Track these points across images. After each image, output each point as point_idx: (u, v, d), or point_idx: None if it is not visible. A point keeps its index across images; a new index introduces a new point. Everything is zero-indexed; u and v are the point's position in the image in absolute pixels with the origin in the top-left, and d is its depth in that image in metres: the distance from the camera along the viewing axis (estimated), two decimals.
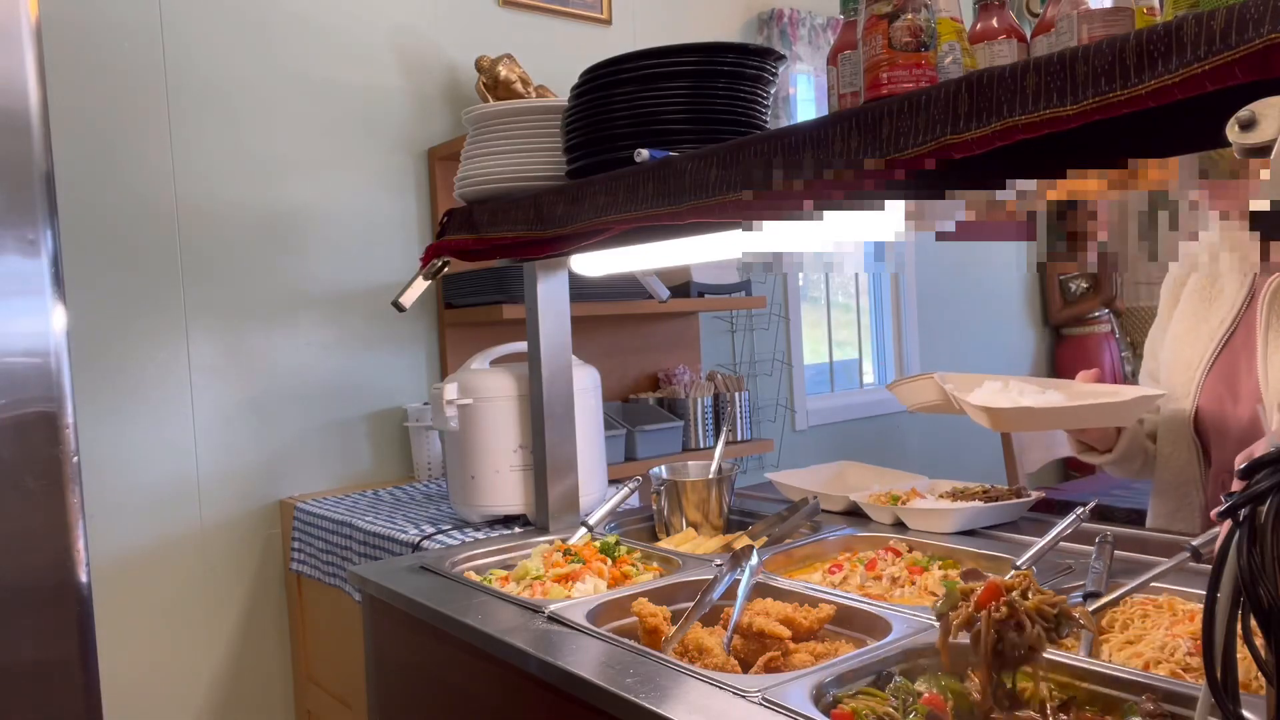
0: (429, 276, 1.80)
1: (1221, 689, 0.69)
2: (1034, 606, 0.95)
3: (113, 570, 2.28)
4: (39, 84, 1.16)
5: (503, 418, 1.89)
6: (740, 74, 1.40)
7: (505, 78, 2.68)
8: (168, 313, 2.37)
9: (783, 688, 1.01)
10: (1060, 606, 0.96)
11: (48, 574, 1.16)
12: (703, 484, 1.79)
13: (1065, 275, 4.68)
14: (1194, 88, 0.72)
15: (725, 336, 3.55)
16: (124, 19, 2.31)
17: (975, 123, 0.87)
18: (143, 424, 2.33)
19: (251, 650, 2.51)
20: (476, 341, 2.55)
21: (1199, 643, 0.92)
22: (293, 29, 2.55)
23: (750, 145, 1.12)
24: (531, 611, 1.34)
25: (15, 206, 1.13)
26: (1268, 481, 0.66)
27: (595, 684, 1.07)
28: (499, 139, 1.62)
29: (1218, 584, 0.69)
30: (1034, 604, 0.95)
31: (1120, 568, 1.30)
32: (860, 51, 1.06)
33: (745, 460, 3.38)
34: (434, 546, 1.84)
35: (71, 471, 1.17)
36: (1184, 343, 1.58)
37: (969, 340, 4.51)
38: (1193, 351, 1.55)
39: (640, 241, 1.50)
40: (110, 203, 2.29)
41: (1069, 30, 0.95)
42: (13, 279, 1.14)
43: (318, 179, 2.59)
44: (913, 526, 1.63)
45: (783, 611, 1.21)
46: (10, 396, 1.13)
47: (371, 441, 2.68)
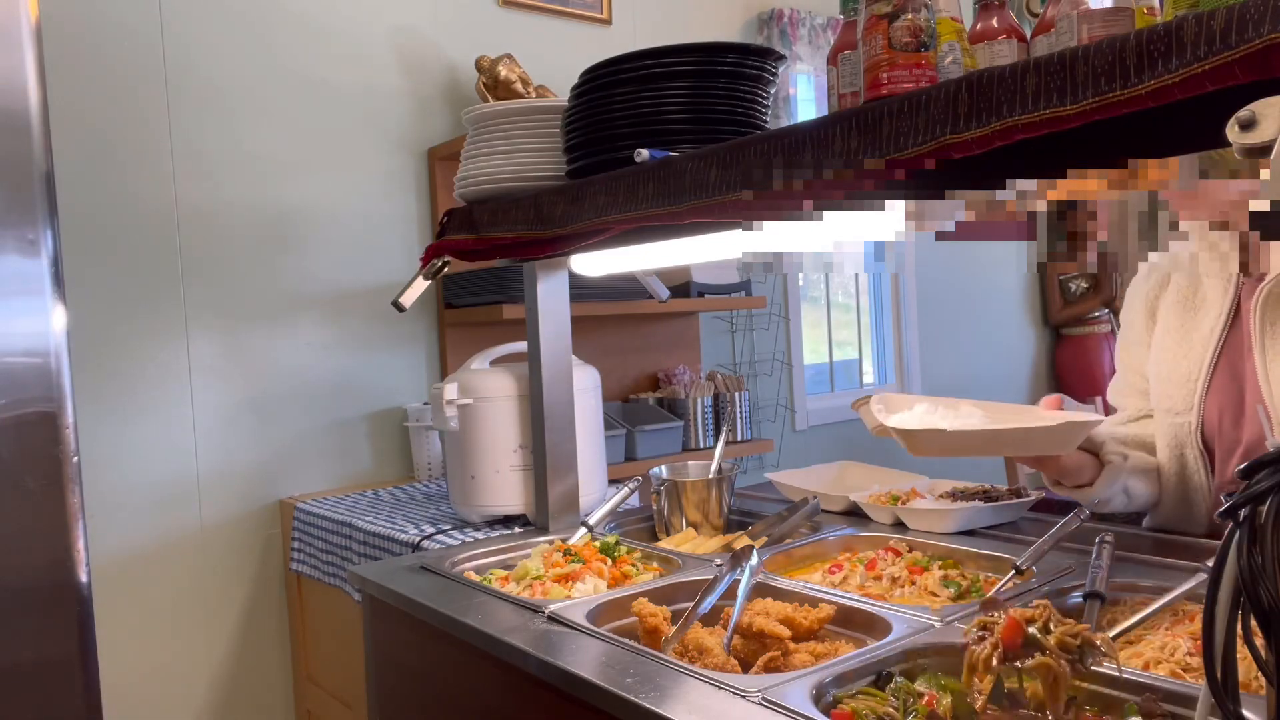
0: (429, 276, 1.80)
1: (1221, 689, 0.69)
2: (1058, 641, 0.93)
3: (113, 570, 2.28)
4: (39, 84, 1.16)
5: (503, 418, 1.89)
6: (740, 74, 1.40)
7: (505, 78, 2.68)
8: (168, 313, 2.37)
9: (783, 688, 1.01)
10: (1083, 636, 0.93)
11: (48, 574, 1.16)
12: (703, 484, 1.79)
13: (1065, 275, 4.68)
14: (1194, 88, 0.72)
15: (725, 336, 3.55)
16: (124, 19, 2.31)
17: (975, 123, 0.87)
18: (143, 424, 2.33)
19: (251, 650, 2.51)
20: (476, 341, 2.55)
21: (1199, 643, 0.92)
22: (293, 29, 2.55)
23: (750, 145, 1.12)
24: (531, 611, 1.34)
25: (15, 206, 1.14)
26: (1268, 481, 0.66)
27: (595, 684, 1.07)
28: (499, 139, 1.62)
29: (1218, 584, 0.69)
30: (1057, 638, 0.93)
31: (1119, 568, 1.30)
32: (860, 51, 1.06)
33: (745, 460, 3.38)
34: (434, 546, 1.84)
35: (71, 471, 1.17)
36: (1177, 356, 1.54)
37: (969, 340, 4.51)
38: (1189, 364, 1.52)
39: (640, 241, 1.50)
40: (110, 203, 2.29)
41: (1069, 30, 0.95)
42: (13, 279, 1.14)
43: (318, 179, 2.59)
44: (913, 526, 1.63)
45: (783, 611, 1.21)
46: (10, 396, 1.13)
47: (371, 441, 2.68)
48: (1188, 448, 1.52)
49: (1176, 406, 1.54)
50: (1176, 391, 1.54)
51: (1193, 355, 1.52)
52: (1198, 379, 1.51)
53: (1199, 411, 1.50)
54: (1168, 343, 1.57)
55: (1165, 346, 1.58)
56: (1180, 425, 1.53)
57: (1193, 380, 1.51)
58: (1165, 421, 1.56)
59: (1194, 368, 1.51)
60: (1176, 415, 1.54)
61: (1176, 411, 1.54)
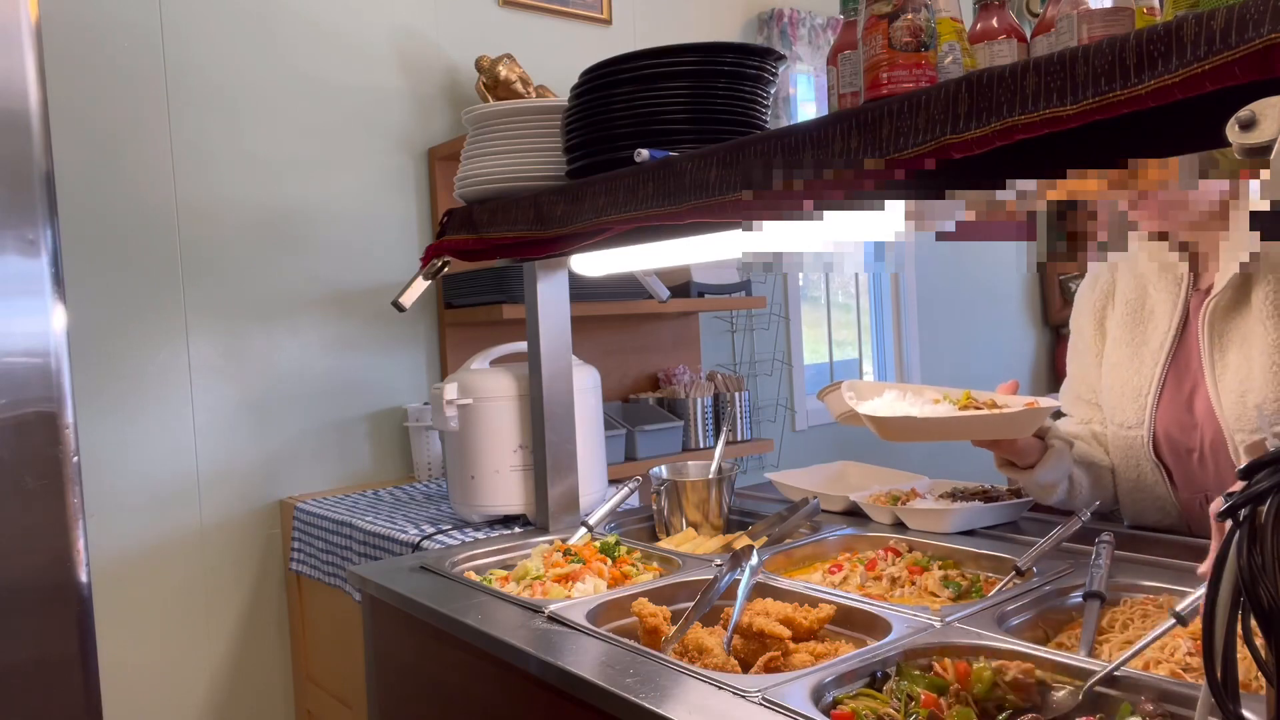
0: (429, 276, 1.80)
1: (1221, 689, 0.69)
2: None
3: (113, 570, 2.28)
4: (39, 84, 1.16)
5: (503, 418, 1.89)
6: (740, 74, 1.40)
7: (505, 78, 2.68)
8: (168, 313, 2.37)
9: (783, 688, 1.01)
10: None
11: (48, 574, 1.16)
12: (703, 484, 1.79)
13: (1065, 275, 4.68)
14: (1194, 88, 0.72)
15: (725, 336, 3.55)
16: (124, 18, 2.31)
17: (975, 123, 0.87)
18: (143, 424, 2.33)
19: (251, 650, 2.51)
20: (476, 341, 2.55)
21: (1199, 643, 0.92)
22: (293, 29, 2.55)
23: (750, 145, 1.12)
24: (531, 611, 1.34)
25: (15, 206, 1.14)
26: (1268, 481, 0.66)
27: (595, 684, 1.07)
28: (499, 139, 1.62)
29: (1218, 584, 0.69)
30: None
31: (1119, 568, 1.30)
32: (860, 51, 1.06)
33: (745, 460, 3.38)
34: (434, 546, 1.84)
35: (71, 471, 1.17)
36: (1127, 369, 1.56)
37: (969, 340, 4.51)
38: (1139, 378, 1.53)
39: (640, 241, 1.50)
40: (110, 203, 2.29)
41: (1069, 30, 0.95)
42: (13, 279, 1.14)
43: (318, 179, 2.59)
44: (913, 526, 1.63)
45: (783, 611, 1.21)
46: (10, 396, 1.13)
47: (371, 441, 2.68)
48: (1143, 460, 1.54)
49: (1128, 421, 1.55)
50: (1128, 405, 1.55)
51: (1143, 370, 1.53)
52: (1148, 393, 1.52)
53: (1150, 426, 1.51)
54: (1117, 358, 1.59)
55: (1115, 362, 1.59)
56: (1133, 439, 1.55)
57: (1143, 395, 1.53)
58: (1119, 435, 1.58)
59: (1144, 383, 1.53)
60: (1129, 429, 1.55)
61: (1128, 425, 1.55)
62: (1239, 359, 1.40)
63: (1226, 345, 1.42)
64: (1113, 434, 1.59)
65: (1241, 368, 1.39)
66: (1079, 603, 1.22)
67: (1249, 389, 1.37)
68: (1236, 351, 1.40)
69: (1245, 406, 1.38)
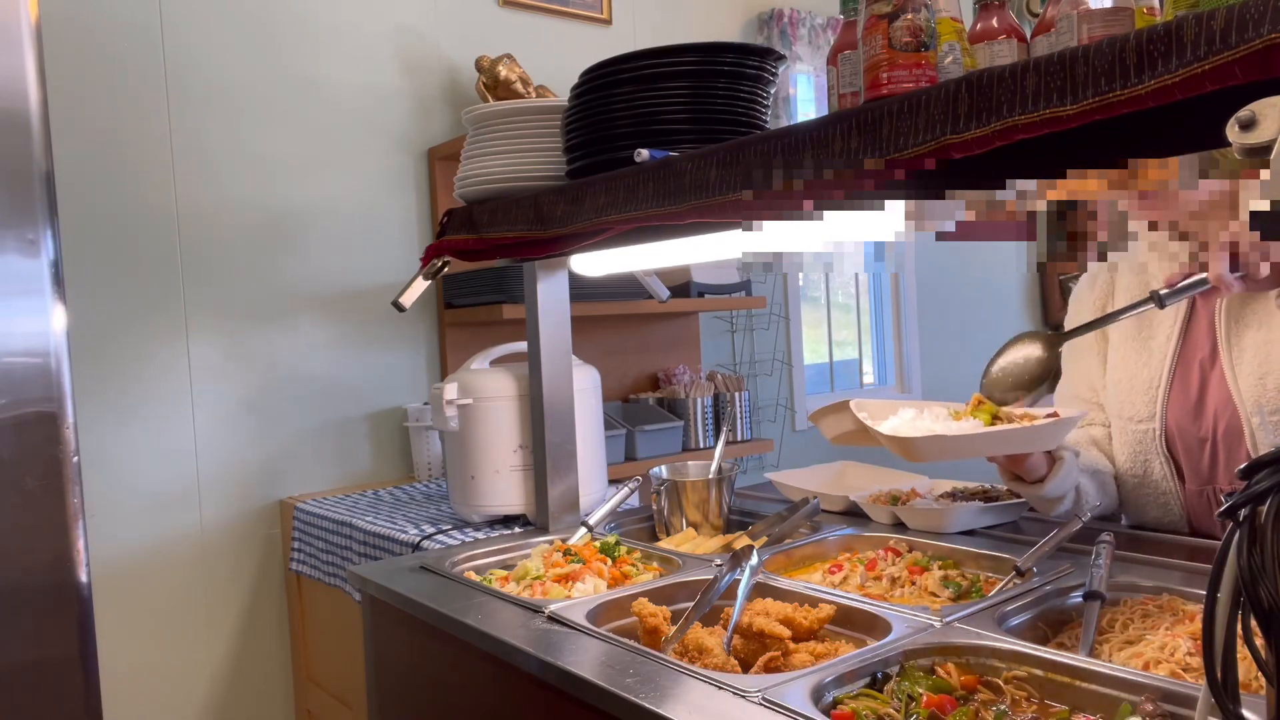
0: (429, 276, 1.80)
1: (1221, 689, 0.69)
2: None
3: (113, 570, 2.28)
4: (39, 84, 1.16)
5: (503, 418, 1.89)
6: (740, 74, 1.40)
7: (505, 78, 2.68)
8: (168, 313, 2.37)
9: (783, 688, 1.01)
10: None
11: (48, 574, 1.16)
12: (703, 484, 1.79)
13: (1065, 275, 4.67)
14: (1194, 88, 0.72)
15: (725, 336, 3.55)
16: (124, 19, 2.31)
17: (975, 123, 0.87)
18: (143, 424, 2.33)
19: (251, 650, 2.51)
20: (476, 341, 2.55)
21: (1199, 643, 0.92)
22: (293, 29, 2.55)
23: (750, 145, 1.12)
24: (531, 611, 1.34)
25: (15, 206, 1.14)
26: (1268, 481, 0.66)
27: (595, 684, 1.07)
28: (499, 139, 1.62)
29: (1218, 584, 0.69)
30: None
31: (1119, 568, 1.30)
32: (860, 51, 1.06)
33: (745, 460, 3.38)
34: (434, 546, 1.84)
35: (71, 471, 1.17)
36: (1135, 363, 1.56)
37: (969, 340, 4.51)
38: (1149, 370, 1.53)
39: (640, 241, 1.50)
40: (110, 203, 2.29)
41: (1069, 30, 0.95)
42: (13, 279, 1.14)
43: (318, 179, 2.59)
44: (912, 526, 1.62)
45: (783, 611, 1.21)
46: (10, 396, 1.13)
47: (371, 441, 2.68)
48: (1152, 454, 1.53)
49: (1139, 414, 1.55)
50: (1139, 399, 1.55)
51: (1153, 363, 1.53)
52: (1159, 385, 1.52)
53: (1162, 418, 1.51)
54: (1125, 351, 1.58)
55: (1123, 355, 1.59)
56: (1144, 432, 1.54)
57: (1154, 387, 1.52)
58: (1127, 429, 1.57)
59: (1154, 375, 1.53)
60: (1139, 423, 1.55)
61: (1139, 419, 1.55)
62: (1257, 341, 1.40)
63: (1243, 328, 1.42)
64: (1120, 430, 1.59)
65: (1260, 350, 1.40)
66: (1079, 603, 1.22)
67: (1269, 370, 1.38)
68: (1254, 334, 1.41)
69: (1265, 389, 1.38)
